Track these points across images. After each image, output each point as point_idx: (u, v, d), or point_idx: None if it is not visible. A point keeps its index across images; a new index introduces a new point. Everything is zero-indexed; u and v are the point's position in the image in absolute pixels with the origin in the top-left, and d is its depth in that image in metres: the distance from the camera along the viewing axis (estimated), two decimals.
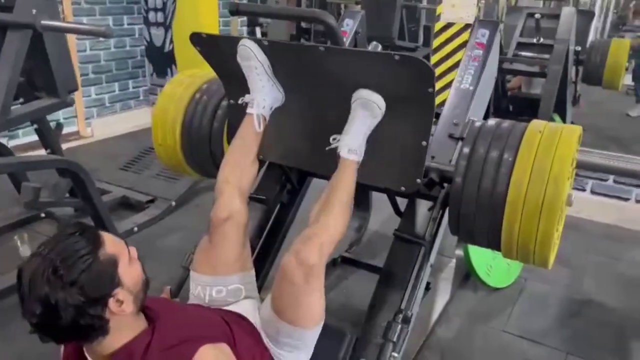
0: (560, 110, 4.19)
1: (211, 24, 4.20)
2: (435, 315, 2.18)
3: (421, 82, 1.37)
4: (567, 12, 4.24)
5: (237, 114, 1.67)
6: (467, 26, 3.53)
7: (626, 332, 2.21)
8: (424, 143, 1.49)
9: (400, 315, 1.53)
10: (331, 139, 1.48)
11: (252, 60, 1.48)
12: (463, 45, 3.60)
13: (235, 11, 1.70)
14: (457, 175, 1.51)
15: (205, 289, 1.45)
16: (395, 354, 1.53)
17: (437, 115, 1.98)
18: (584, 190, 3.27)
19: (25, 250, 2.59)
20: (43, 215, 2.91)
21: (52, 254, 1.00)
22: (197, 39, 1.61)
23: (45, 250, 1.01)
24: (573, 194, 1.55)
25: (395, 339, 1.51)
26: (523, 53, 4.87)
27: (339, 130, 1.49)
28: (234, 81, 1.65)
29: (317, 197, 1.49)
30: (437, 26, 3.85)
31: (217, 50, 1.61)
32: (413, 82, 1.39)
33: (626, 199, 3.19)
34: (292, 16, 2.72)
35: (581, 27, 4.84)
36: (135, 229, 2.81)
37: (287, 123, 1.66)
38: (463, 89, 1.93)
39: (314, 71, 1.51)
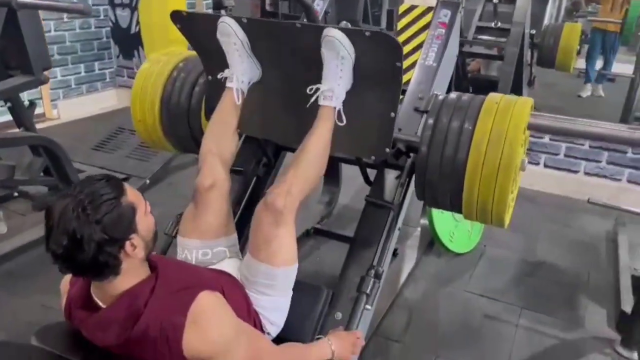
0: (516, 91, 4.41)
1: (177, 7, 4.21)
2: (402, 278, 2.34)
3: (390, 56, 1.49)
4: None
5: (216, 90, 1.76)
6: (429, 9, 3.67)
7: (575, 289, 2.43)
8: (392, 114, 1.61)
9: (373, 271, 1.67)
10: (308, 89, 1.54)
11: (232, 36, 1.57)
12: (425, 27, 3.74)
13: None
14: (422, 144, 1.65)
15: (192, 252, 1.56)
16: (369, 307, 1.67)
17: (403, 92, 2.12)
18: (537, 164, 3.49)
19: (1, 227, 2.61)
20: (16, 194, 2.92)
21: (81, 195, 1.10)
22: (178, 17, 1.68)
23: (76, 191, 1.11)
24: (526, 159, 1.72)
25: (368, 292, 1.65)
26: (482, 37, 5.08)
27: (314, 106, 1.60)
28: (213, 58, 1.73)
29: None
30: (401, 8, 3.98)
31: (197, 27, 1.68)
32: (382, 56, 1.50)
33: (575, 172, 3.43)
34: None
35: (536, 12, 5.07)
36: None
37: (264, 98, 1.75)
38: (427, 66, 2.06)
39: (290, 47, 1.61)
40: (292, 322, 1.61)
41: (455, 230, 2.59)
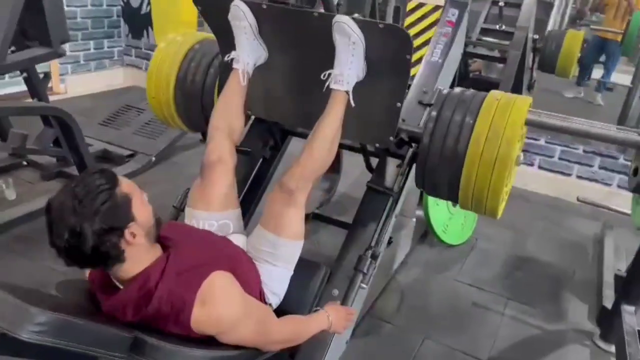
0: (516, 93, 4.51)
1: None
2: (396, 265, 2.44)
3: (400, 48, 1.57)
4: (528, 2, 4.52)
5: (229, 71, 1.84)
6: (437, 7, 3.75)
7: (560, 283, 2.54)
8: (398, 104, 1.70)
9: (370, 251, 1.77)
10: (322, 75, 1.61)
11: (242, 20, 1.64)
12: (432, 25, 3.83)
13: None
14: (425, 135, 1.73)
15: (199, 222, 1.64)
16: (364, 285, 1.77)
17: (409, 86, 2.22)
18: (531, 165, 3.60)
19: (10, 194, 2.69)
20: (25, 163, 3.01)
21: (77, 189, 1.14)
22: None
23: (72, 185, 1.16)
24: (522, 155, 1.82)
25: (365, 270, 1.75)
26: (486, 38, 5.17)
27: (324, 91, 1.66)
28: (228, 39, 1.82)
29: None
30: (409, 5, 4.07)
31: (215, 8, 1.76)
32: (394, 48, 1.59)
33: (568, 174, 3.54)
34: None
35: (541, 17, 5.16)
36: None
37: (274, 81, 1.83)
38: (433, 61, 2.15)
39: (303, 33, 1.68)
40: (292, 295, 1.70)
41: (449, 222, 2.69)
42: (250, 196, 2.13)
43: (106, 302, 1.26)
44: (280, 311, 1.67)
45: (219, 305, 1.24)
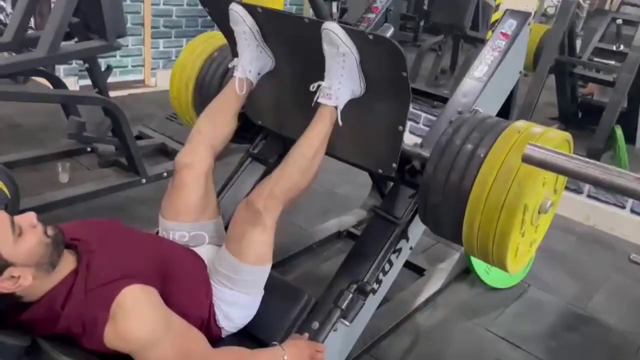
0: (625, 123, 3.92)
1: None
2: (419, 301, 2.18)
3: (395, 65, 1.37)
4: None
5: None
6: None
7: (620, 356, 2.11)
8: (400, 128, 1.50)
9: (355, 286, 1.57)
10: (311, 87, 1.49)
11: (240, 24, 1.54)
12: None
13: None
14: (430, 164, 1.51)
15: (169, 233, 1.56)
16: (346, 322, 1.58)
17: (445, 100, 1.96)
18: (623, 207, 3.08)
19: (63, 177, 2.83)
20: (89, 149, 3.16)
21: None
22: (205, 2, 1.69)
23: None
24: (552, 202, 1.51)
25: (344, 307, 1.55)
26: (598, 59, 4.58)
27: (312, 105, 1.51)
28: (234, 43, 1.73)
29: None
30: (495, 17, 3.71)
31: (218, 11, 1.68)
32: (387, 64, 1.39)
33: None
34: None
35: None
36: (165, 174, 2.98)
37: (278, 90, 1.72)
38: (475, 78, 1.89)
39: (298, 40, 1.55)
40: (265, 320, 1.58)
41: None
42: None
43: (15, 317, 1.18)
44: (245, 335, 1.54)
45: (129, 321, 1.15)
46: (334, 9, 6.08)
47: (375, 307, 1.76)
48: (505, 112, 2.11)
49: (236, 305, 1.44)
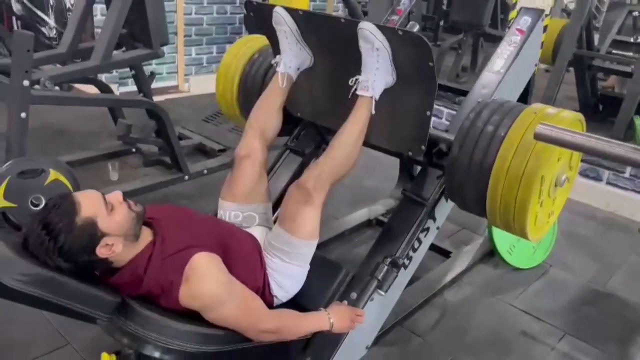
0: None
1: (301, 5, 4.50)
2: (445, 280, 2.34)
3: (422, 56, 1.55)
4: None
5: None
6: None
7: (636, 328, 2.24)
8: (427, 113, 1.67)
9: (389, 259, 1.76)
10: (350, 81, 1.67)
11: (283, 25, 1.74)
12: None
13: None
14: (455, 145, 1.68)
15: (226, 212, 1.76)
16: (382, 292, 1.76)
17: (465, 94, 2.14)
18: None
19: (114, 176, 3.08)
20: (134, 150, 3.41)
21: (39, 230, 1.25)
22: (250, 6, 1.89)
23: (34, 226, 1.26)
24: (567, 176, 1.67)
25: (380, 278, 1.74)
26: (616, 51, 4.68)
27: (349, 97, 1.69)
28: (276, 43, 1.93)
29: None
30: (512, 15, 3.86)
31: (262, 15, 1.88)
32: (416, 56, 1.58)
33: None
34: None
35: None
36: (205, 171, 3.21)
37: (315, 84, 1.91)
38: (494, 71, 2.05)
39: (334, 39, 1.74)
40: (309, 292, 1.76)
41: (517, 242, 2.52)
42: None
43: (106, 280, 1.39)
44: (293, 305, 1.73)
45: (200, 282, 1.35)
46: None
47: (406, 282, 1.94)
48: (523, 101, 2.27)
49: (289, 276, 1.63)
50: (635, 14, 4.40)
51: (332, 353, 1.71)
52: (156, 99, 4.38)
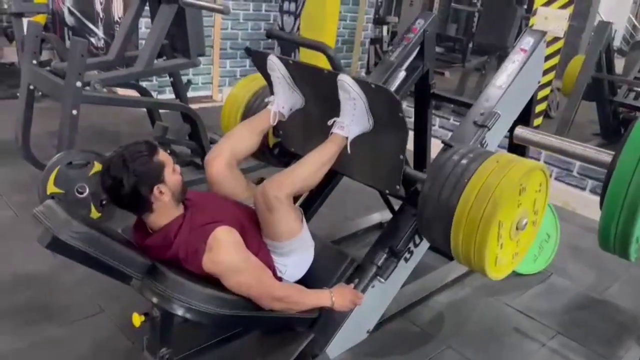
0: None
1: (331, 20, 4.78)
2: (447, 279, 2.51)
3: (392, 108, 1.72)
4: None
5: None
6: (555, 39, 3.66)
7: (626, 330, 2.36)
8: (401, 157, 1.82)
9: (388, 248, 1.95)
10: (328, 122, 1.85)
11: (276, 71, 1.96)
12: (550, 57, 3.74)
13: (269, 35, 2.44)
14: (425, 184, 1.75)
15: None
16: (382, 280, 1.96)
17: (469, 106, 2.32)
18: None
19: None
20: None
21: (125, 152, 1.55)
22: (249, 52, 2.12)
23: (123, 149, 1.56)
24: (533, 221, 1.76)
25: (379, 264, 1.94)
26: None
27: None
28: (272, 85, 2.07)
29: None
30: None
31: (259, 61, 2.06)
32: (386, 107, 1.75)
33: None
34: (303, 44, 3.22)
35: None
36: None
37: (304, 123, 2.11)
38: (496, 87, 2.23)
39: (321, 86, 1.93)
40: (316, 275, 1.95)
41: None
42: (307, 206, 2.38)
43: (141, 241, 1.65)
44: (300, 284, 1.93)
45: (221, 251, 1.57)
46: (385, 32, 6.54)
47: (408, 274, 2.10)
48: (526, 116, 2.45)
49: (288, 266, 1.82)
50: None
51: (334, 331, 1.91)
52: (191, 106, 4.71)
